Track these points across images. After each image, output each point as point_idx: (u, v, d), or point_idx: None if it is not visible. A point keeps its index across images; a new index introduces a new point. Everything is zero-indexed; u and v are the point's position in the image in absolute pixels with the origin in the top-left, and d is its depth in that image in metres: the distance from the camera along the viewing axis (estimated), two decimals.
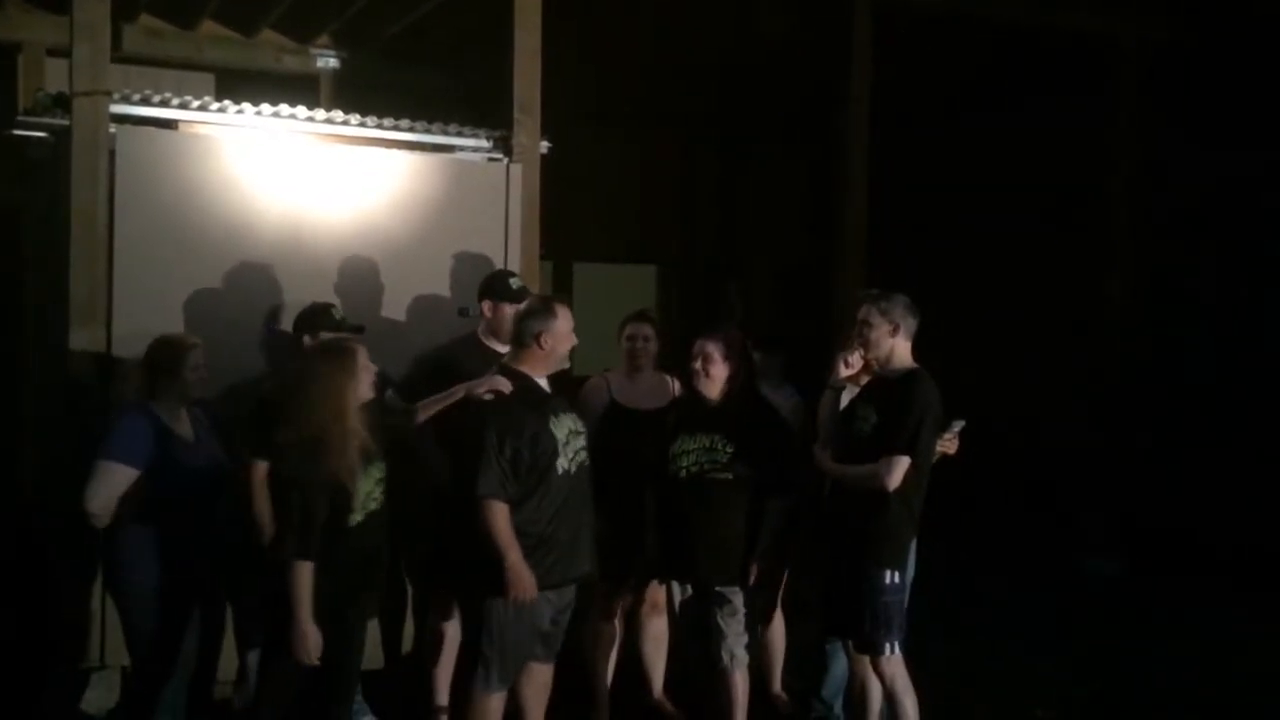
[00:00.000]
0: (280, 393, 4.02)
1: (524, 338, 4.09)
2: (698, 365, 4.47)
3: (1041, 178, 9.60)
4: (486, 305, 4.73)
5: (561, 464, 4.00)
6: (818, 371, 4.65)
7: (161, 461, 4.01)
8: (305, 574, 3.64)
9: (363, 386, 3.83)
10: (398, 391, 4.77)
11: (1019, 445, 9.08)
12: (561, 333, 4.07)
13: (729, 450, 4.40)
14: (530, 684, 4.26)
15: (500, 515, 3.87)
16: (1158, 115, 8.43)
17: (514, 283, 4.76)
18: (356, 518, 3.78)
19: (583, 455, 4.13)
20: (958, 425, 4.40)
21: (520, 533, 3.90)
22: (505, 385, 4.01)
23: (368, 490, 3.82)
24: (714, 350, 4.46)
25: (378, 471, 3.86)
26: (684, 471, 4.45)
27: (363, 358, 3.86)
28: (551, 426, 4.01)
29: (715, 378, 4.46)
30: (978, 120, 10.19)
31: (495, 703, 4.04)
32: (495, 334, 4.69)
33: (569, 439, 4.06)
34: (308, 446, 3.66)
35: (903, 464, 4.09)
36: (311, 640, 3.66)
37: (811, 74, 8.47)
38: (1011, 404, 9.11)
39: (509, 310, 4.56)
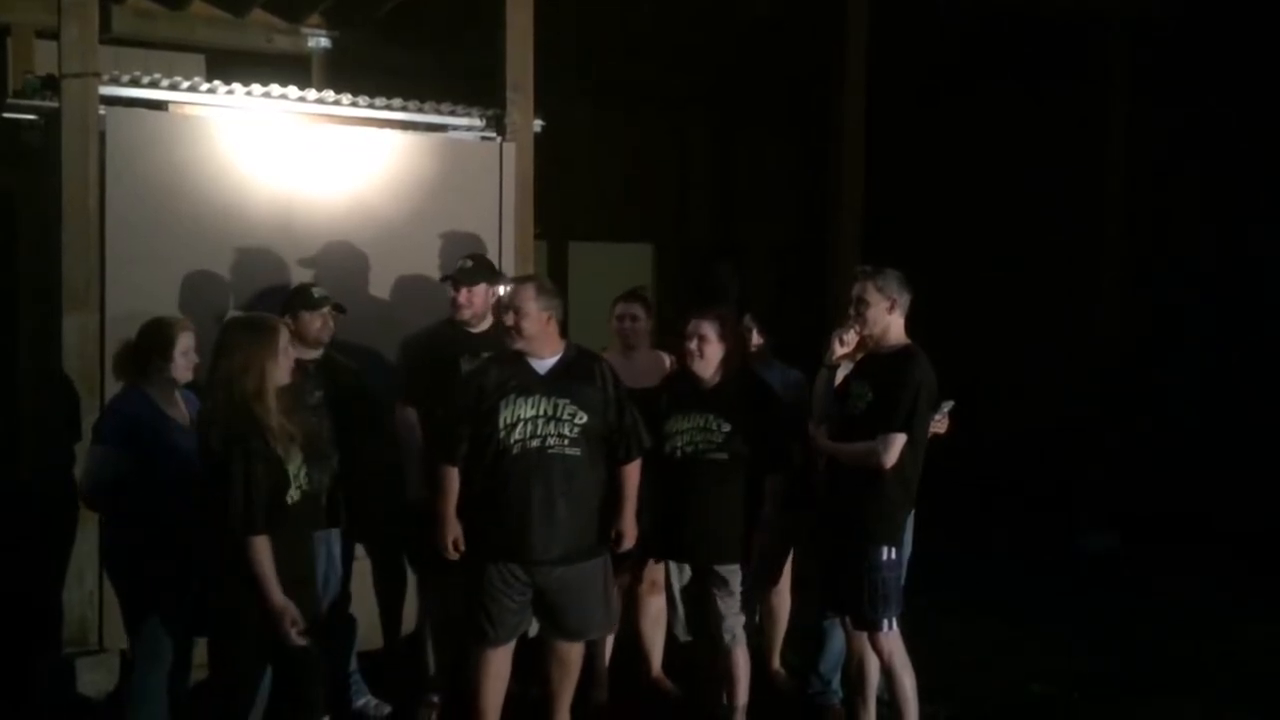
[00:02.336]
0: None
1: None
2: (693, 345, 4.46)
3: (1039, 155, 9.57)
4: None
5: (502, 441, 4.10)
6: (814, 350, 4.64)
7: (158, 445, 3.98)
8: (262, 548, 3.48)
9: (281, 370, 3.68)
10: (392, 385, 4.79)
11: (1015, 423, 9.08)
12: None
13: (724, 430, 4.40)
14: (556, 664, 4.35)
15: (441, 475, 4.22)
16: (1150, 95, 8.40)
17: (459, 264, 4.80)
18: (294, 495, 3.65)
19: (550, 441, 4.11)
20: (947, 406, 4.40)
21: (472, 499, 4.18)
22: None
23: (295, 470, 3.68)
24: (709, 330, 4.45)
25: (298, 457, 3.71)
26: (679, 451, 4.46)
27: (284, 339, 3.73)
28: (503, 405, 4.10)
29: (710, 358, 4.45)
30: (974, 98, 10.15)
31: (482, 657, 4.23)
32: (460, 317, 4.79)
33: (527, 422, 4.10)
34: (236, 417, 3.53)
35: (899, 441, 4.09)
36: (291, 611, 3.52)
37: (807, 51, 8.43)
38: (1007, 383, 9.11)
39: (463, 294, 4.71)
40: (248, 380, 3.58)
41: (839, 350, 4.40)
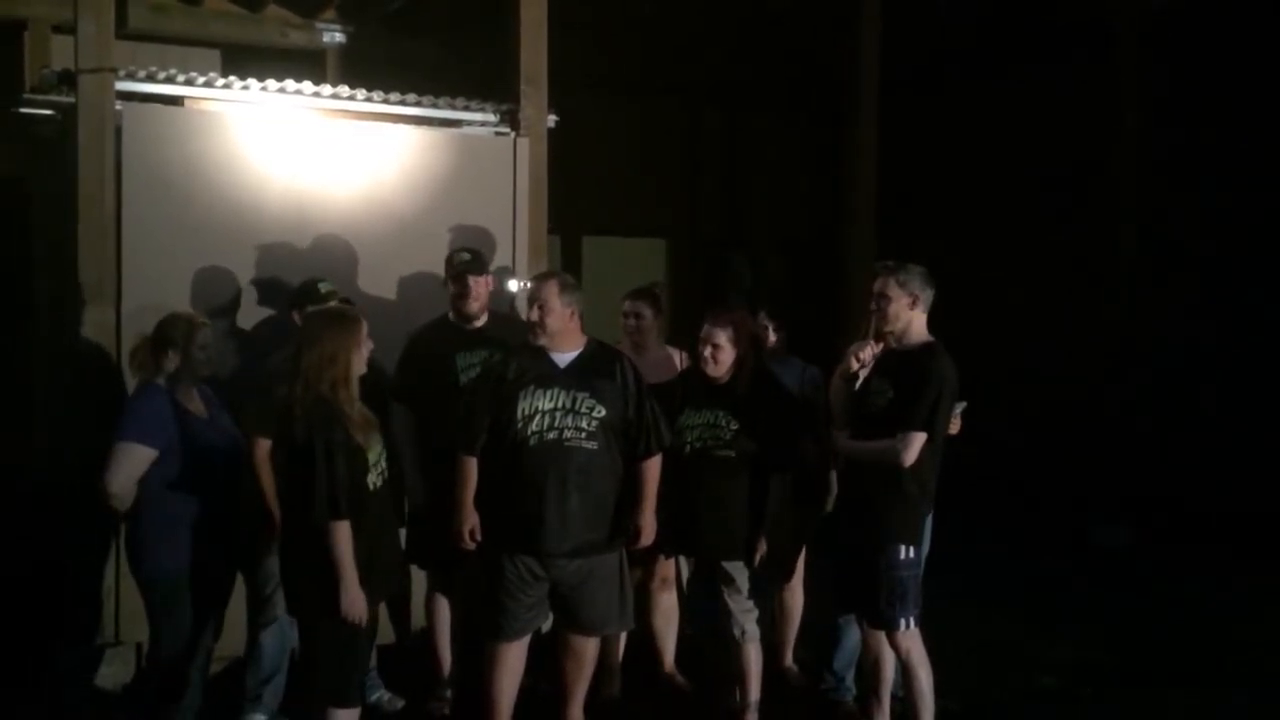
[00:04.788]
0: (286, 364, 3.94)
1: None
2: (706, 352, 4.46)
3: (1050, 146, 9.53)
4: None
5: (519, 433, 4.13)
6: (827, 345, 4.63)
7: (179, 440, 3.99)
8: (344, 534, 3.53)
9: (361, 360, 3.76)
10: (391, 388, 4.80)
11: (1026, 417, 9.06)
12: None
13: (732, 427, 4.40)
14: (570, 658, 4.35)
15: (460, 465, 4.23)
16: (1160, 93, 8.36)
17: (461, 257, 4.80)
18: (375, 481, 3.72)
19: (567, 434, 4.13)
20: (960, 407, 4.37)
21: (488, 490, 4.20)
22: None
23: (375, 458, 3.75)
24: (723, 338, 4.44)
25: (379, 444, 3.79)
26: (689, 447, 4.46)
27: (365, 330, 3.80)
28: (521, 397, 4.13)
29: (723, 363, 4.46)
30: (983, 94, 10.12)
31: (495, 651, 4.24)
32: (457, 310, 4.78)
33: (544, 414, 4.12)
34: (319, 408, 3.59)
35: (919, 440, 4.07)
36: (362, 602, 3.57)
37: (820, 46, 8.42)
38: (1017, 379, 9.08)
39: (474, 283, 4.71)
40: (335, 370, 3.64)
41: (855, 367, 4.36)
